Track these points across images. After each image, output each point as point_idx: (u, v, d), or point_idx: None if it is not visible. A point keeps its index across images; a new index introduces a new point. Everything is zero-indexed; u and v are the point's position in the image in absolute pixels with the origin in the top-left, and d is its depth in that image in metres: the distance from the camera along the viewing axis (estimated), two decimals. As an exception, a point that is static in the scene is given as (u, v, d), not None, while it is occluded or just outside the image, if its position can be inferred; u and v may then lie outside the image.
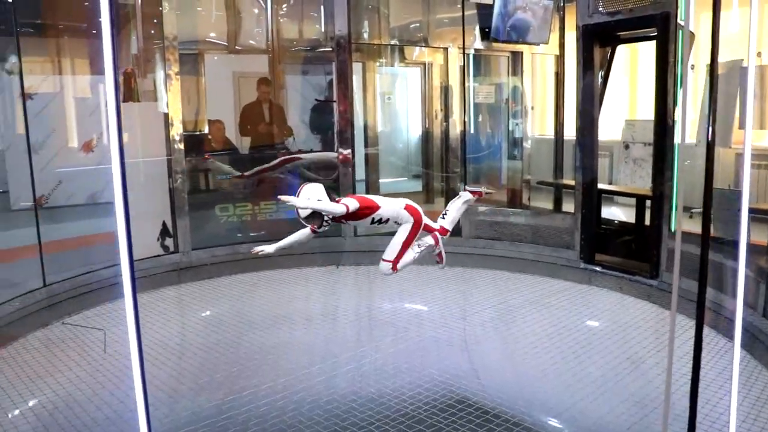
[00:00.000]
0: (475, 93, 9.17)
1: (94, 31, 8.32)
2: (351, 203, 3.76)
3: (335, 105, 7.57)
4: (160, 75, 6.89)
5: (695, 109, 7.25)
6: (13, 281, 5.84)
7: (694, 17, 8.56)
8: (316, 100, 8.51)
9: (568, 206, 7.78)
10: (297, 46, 8.93)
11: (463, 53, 8.52)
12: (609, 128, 9.18)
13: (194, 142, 7.64)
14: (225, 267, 7.08)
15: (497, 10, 8.24)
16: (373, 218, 3.94)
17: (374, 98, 9.13)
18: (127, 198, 2.04)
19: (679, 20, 5.79)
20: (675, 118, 5.99)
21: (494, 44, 8.72)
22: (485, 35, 8.57)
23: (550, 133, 9.45)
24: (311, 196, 3.64)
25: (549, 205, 8.86)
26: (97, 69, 7.83)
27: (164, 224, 6.92)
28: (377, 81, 9.26)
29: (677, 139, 5.90)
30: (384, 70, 9.61)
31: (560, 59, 8.87)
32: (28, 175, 6.05)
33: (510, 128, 9.52)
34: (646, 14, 6.03)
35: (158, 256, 6.90)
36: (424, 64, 9.57)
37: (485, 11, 8.42)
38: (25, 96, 6.45)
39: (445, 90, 9.24)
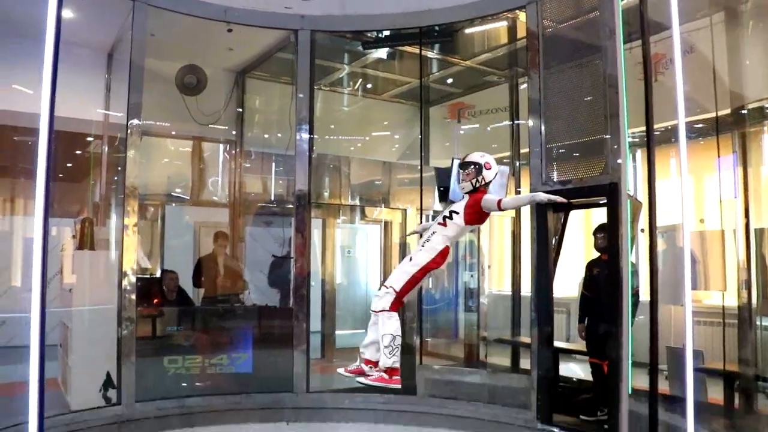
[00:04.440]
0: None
1: (61, 175, 8.52)
2: None
3: (293, 261, 7.61)
4: (117, 224, 6.91)
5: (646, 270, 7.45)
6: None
7: (643, 185, 9.08)
8: (273, 256, 8.60)
9: (526, 362, 7.74)
10: (258, 200, 9.16)
11: (421, 214, 8.79)
12: (566, 286, 9.34)
13: (146, 287, 7.55)
14: (171, 420, 6.74)
15: (454, 174, 8.60)
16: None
17: (333, 253, 9.26)
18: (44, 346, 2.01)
19: (625, 190, 6.04)
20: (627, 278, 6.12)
21: (452, 206, 9.01)
22: (443, 196, 8.89)
23: (507, 289, 9.57)
24: None
25: (507, 362, 8.79)
26: (59, 212, 7.90)
27: (108, 375, 6.65)
28: (337, 236, 9.45)
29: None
30: (345, 225, 9.83)
31: (516, 220, 9.18)
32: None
33: (468, 285, 9.64)
34: (595, 184, 6.24)
35: (99, 407, 6.56)
36: (383, 221, 9.82)
37: (443, 173, 8.79)
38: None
39: (404, 247, 9.40)
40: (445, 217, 4.25)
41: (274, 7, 7.55)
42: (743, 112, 6.61)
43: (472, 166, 4.28)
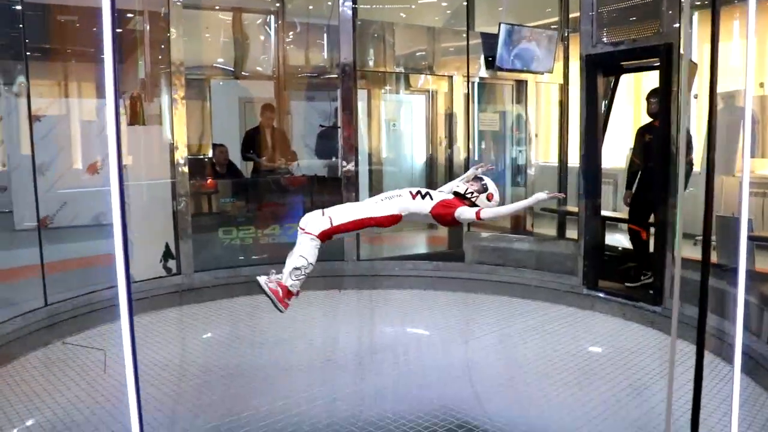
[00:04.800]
0: (480, 121, 9.24)
1: (101, 56, 8.46)
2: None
3: (340, 131, 7.61)
4: (165, 99, 6.96)
5: (700, 139, 7.27)
6: (15, 300, 5.84)
7: (698, 48, 8.68)
8: (320, 125, 8.58)
9: (572, 233, 7.80)
10: (303, 72, 9.04)
11: (468, 81, 8.61)
12: (613, 156, 9.22)
13: (198, 166, 7.70)
14: (226, 289, 7.07)
15: (502, 40, 8.37)
16: None
17: (379, 125, 9.21)
18: (126, 219, 2.07)
19: (681, 51, 5.83)
20: (678, 146, 6.01)
21: (499, 73, 8.82)
22: (490, 64, 8.68)
23: (553, 160, 9.49)
24: None
25: (552, 232, 8.87)
26: (103, 93, 7.90)
27: (167, 246, 6.94)
28: (382, 108, 9.35)
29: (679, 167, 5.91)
30: (389, 97, 9.69)
31: (564, 88, 8.97)
32: (32, 196, 6.09)
33: (513, 155, 9.58)
34: (649, 45, 6.02)
35: (161, 277, 6.90)
36: (429, 91, 9.65)
37: (490, 40, 8.53)
38: (31, 118, 6.53)
39: (450, 117, 9.30)
40: (419, 192, 4.04)
41: None
42: None
43: (482, 185, 3.95)
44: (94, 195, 7.76)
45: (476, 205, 3.92)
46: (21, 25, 6.11)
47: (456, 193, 4.04)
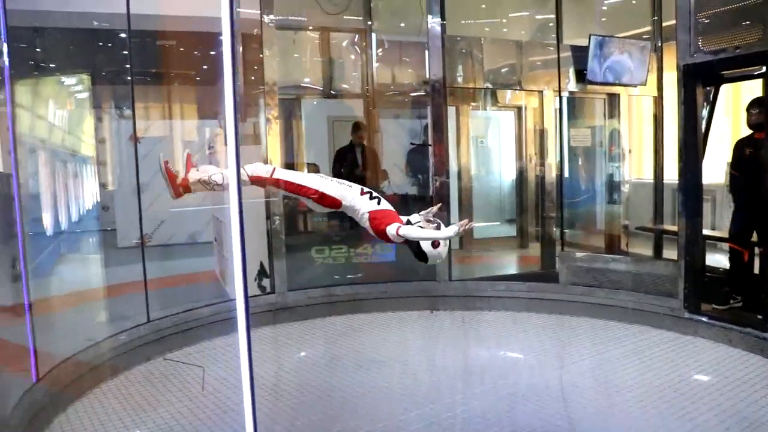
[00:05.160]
0: (571, 136, 8.99)
1: (198, 78, 8.78)
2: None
3: (430, 149, 7.54)
4: (260, 119, 7.06)
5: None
6: (121, 316, 6.03)
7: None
8: (411, 143, 8.54)
9: (669, 253, 7.46)
10: (392, 90, 9.03)
11: (559, 96, 8.40)
12: (711, 171, 8.80)
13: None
14: (320, 309, 7.09)
15: (592, 52, 8.13)
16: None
17: (467, 141, 9.10)
18: (245, 239, 2.04)
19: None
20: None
21: (590, 86, 8.57)
22: (580, 77, 8.45)
23: (648, 176, 9.13)
24: None
25: (648, 251, 8.52)
26: (203, 113, 8.15)
27: (261, 265, 7.00)
28: (470, 124, 9.23)
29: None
30: (477, 113, 9.57)
31: (659, 100, 8.64)
32: (132, 215, 6.26)
33: (607, 171, 9.28)
34: (752, 52, 5.68)
35: (255, 296, 6.96)
36: (518, 107, 9.47)
37: (580, 53, 8.31)
38: (135, 139, 6.76)
39: (540, 133, 9.09)
40: (369, 193, 3.90)
41: None
42: None
43: (434, 227, 3.69)
44: (189, 214, 7.94)
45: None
46: (126, 52, 6.33)
47: (408, 222, 3.80)
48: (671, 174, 7.28)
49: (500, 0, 9.76)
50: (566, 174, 8.61)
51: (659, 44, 8.60)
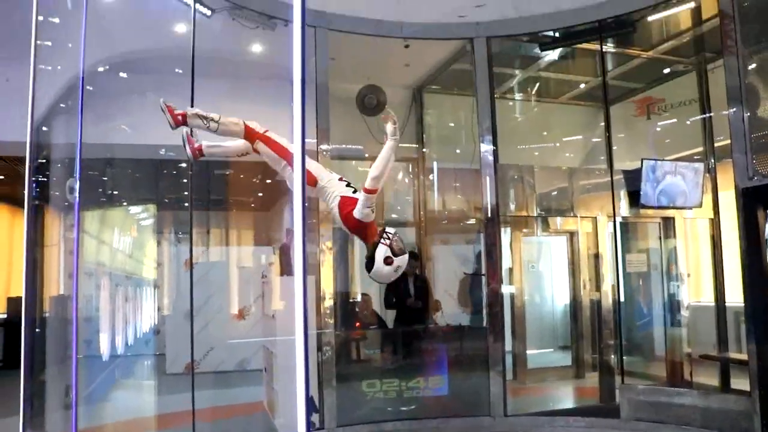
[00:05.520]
0: (627, 261, 8.80)
1: (253, 205, 9.00)
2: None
3: (483, 278, 7.43)
4: (312, 249, 7.08)
5: None
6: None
7: None
8: (464, 273, 8.45)
9: (738, 382, 7.07)
10: (444, 217, 9.06)
11: (613, 221, 8.27)
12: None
13: (343, 315, 7.70)
14: (371, 445, 6.79)
15: (645, 176, 8.07)
16: None
17: (520, 267, 8.96)
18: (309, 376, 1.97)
19: None
20: None
21: (643, 210, 8.46)
22: (634, 201, 8.36)
23: (708, 300, 8.79)
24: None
25: (714, 380, 8.06)
26: (259, 240, 8.27)
27: (311, 399, 6.80)
28: (522, 250, 9.13)
29: None
30: (529, 239, 9.50)
31: (715, 222, 8.45)
32: (183, 340, 6.22)
33: (665, 297, 8.98)
34: None
35: (303, 431, 6.73)
36: (571, 232, 9.36)
37: (632, 177, 8.27)
38: (191, 264, 6.84)
39: (595, 258, 8.92)
40: (348, 183, 3.88)
41: (448, 18, 7.50)
42: None
43: (401, 249, 3.69)
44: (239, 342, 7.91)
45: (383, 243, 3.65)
46: (186, 180, 6.53)
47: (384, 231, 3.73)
48: (733, 297, 6.96)
49: (551, 125, 9.92)
50: (623, 299, 8.35)
51: (712, 164, 8.49)
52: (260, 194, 8.85)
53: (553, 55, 8.80)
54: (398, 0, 7.22)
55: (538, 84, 9.84)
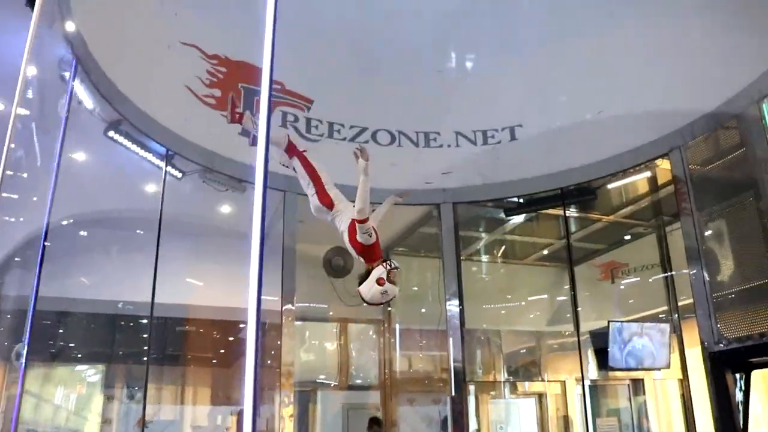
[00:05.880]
0: (597, 427, 8.62)
1: (213, 361, 8.72)
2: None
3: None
4: (272, 410, 6.81)
5: None
6: None
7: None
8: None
9: None
10: (409, 379, 8.86)
11: (582, 385, 8.18)
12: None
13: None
14: None
15: (612, 339, 8.10)
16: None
17: (488, 428, 8.70)
18: None
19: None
20: None
21: (612, 372, 8.40)
22: (602, 363, 8.32)
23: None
24: None
25: None
26: (216, 399, 8.00)
27: None
28: (490, 411, 8.91)
29: None
30: (497, 401, 9.29)
31: (684, 383, 8.40)
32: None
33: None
34: None
35: None
36: (540, 394, 9.20)
37: (599, 339, 8.26)
38: (143, 424, 6.51)
39: (564, 420, 8.72)
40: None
41: (415, 184, 7.71)
42: None
43: (391, 269, 4.01)
44: None
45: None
46: (144, 335, 6.35)
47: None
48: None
49: (517, 286, 10.02)
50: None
51: (677, 321, 8.56)
52: (221, 351, 8.63)
53: (518, 218, 9.05)
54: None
55: (504, 246, 10.06)
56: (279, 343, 7.01)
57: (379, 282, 3.92)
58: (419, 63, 7.51)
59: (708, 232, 6.54)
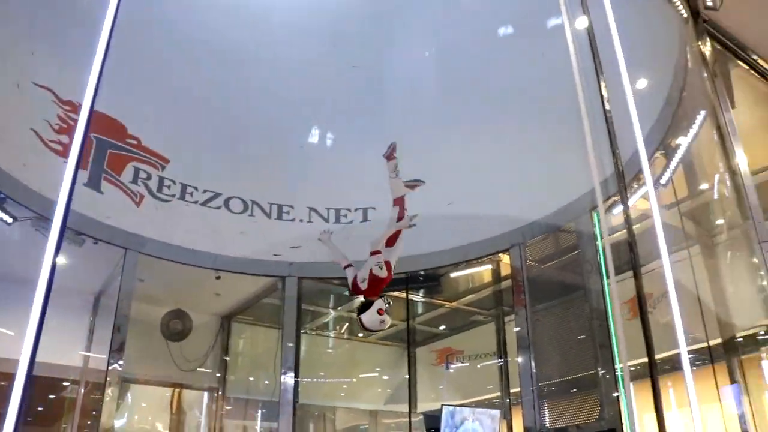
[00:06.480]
0: None
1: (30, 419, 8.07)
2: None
3: None
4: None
5: None
6: None
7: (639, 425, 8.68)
8: None
9: None
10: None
11: (412, 467, 8.25)
12: None
13: None
14: None
15: (444, 422, 8.25)
16: None
17: None
18: None
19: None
20: None
21: (443, 457, 8.51)
22: (434, 443, 8.44)
23: None
24: None
25: None
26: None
27: None
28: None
29: None
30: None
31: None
32: None
33: None
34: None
35: None
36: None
37: (433, 421, 8.41)
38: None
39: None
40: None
41: (263, 255, 7.75)
42: (737, 340, 6.51)
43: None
44: None
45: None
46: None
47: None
48: None
49: (358, 363, 10.09)
50: None
51: (508, 404, 8.85)
52: (39, 408, 8.08)
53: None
54: (215, 231, 7.45)
55: (347, 323, 10.14)
56: (102, 403, 6.66)
57: (380, 312, 4.49)
58: (282, 136, 7.68)
59: (538, 326, 6.90)
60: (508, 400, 8.92)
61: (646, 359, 5.33)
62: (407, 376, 8.83)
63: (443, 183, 7.52)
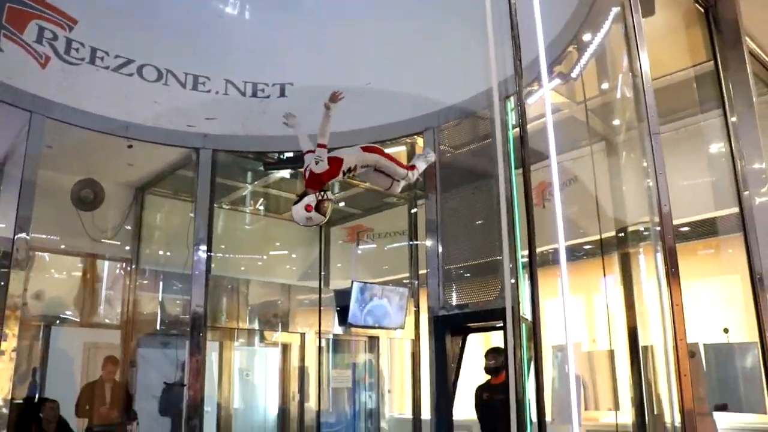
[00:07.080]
0: (332, 377, 9.18)
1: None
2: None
3: (185, 389, 7.16)
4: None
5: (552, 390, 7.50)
6: None
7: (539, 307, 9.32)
8: (165, 383, 8.03)
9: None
10: (152, 320, 8.71)
11: (319, 338, 8.63)
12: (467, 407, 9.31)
13: (22, 422, 6.82)
14: None
15: (354, 297, 8.62)
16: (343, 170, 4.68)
17: (230, 376, 8.86)
18: None
19: (522, 314, 6.15)
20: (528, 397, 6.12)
21: (352, 329, 8.94)
22: (343, 320, 8.82)
23: (408, 412, 9.38)
24: None
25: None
26: None
27: None
28: (235, 359, 9.09)
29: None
30: (243, 348, 9.49)
31: (416, 342, 9.14)
32: None
33: (366, 409, 9.42)
34: (491, 308, 6.31)
35: None
36: (284, 344, 9.56)
37: (343, 297, 8.76)
38: None
39: (302, 371, 9.17)
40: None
41: (177, 125, 7.58)
42: (623, 234, 6.92)
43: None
44: None
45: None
46: None
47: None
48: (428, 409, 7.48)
49: (273, 239, 10.23)
50: (329, 409, 8.58)
51: (417, 289, 9.27)
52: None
53: (280, 173, 9.27)
54: (127, 98, 7.22)
55: (263, 199, 10.23)
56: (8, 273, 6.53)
57: (307, 208, 4.36)
58: (201, 3, 7.50)
59: (448, 210, 7.11)
60: (416, 282, 9.36)
61: (547, 247, 5.70)
62: (320, 256, 9.06)
63: (364, 62, 7.55)
